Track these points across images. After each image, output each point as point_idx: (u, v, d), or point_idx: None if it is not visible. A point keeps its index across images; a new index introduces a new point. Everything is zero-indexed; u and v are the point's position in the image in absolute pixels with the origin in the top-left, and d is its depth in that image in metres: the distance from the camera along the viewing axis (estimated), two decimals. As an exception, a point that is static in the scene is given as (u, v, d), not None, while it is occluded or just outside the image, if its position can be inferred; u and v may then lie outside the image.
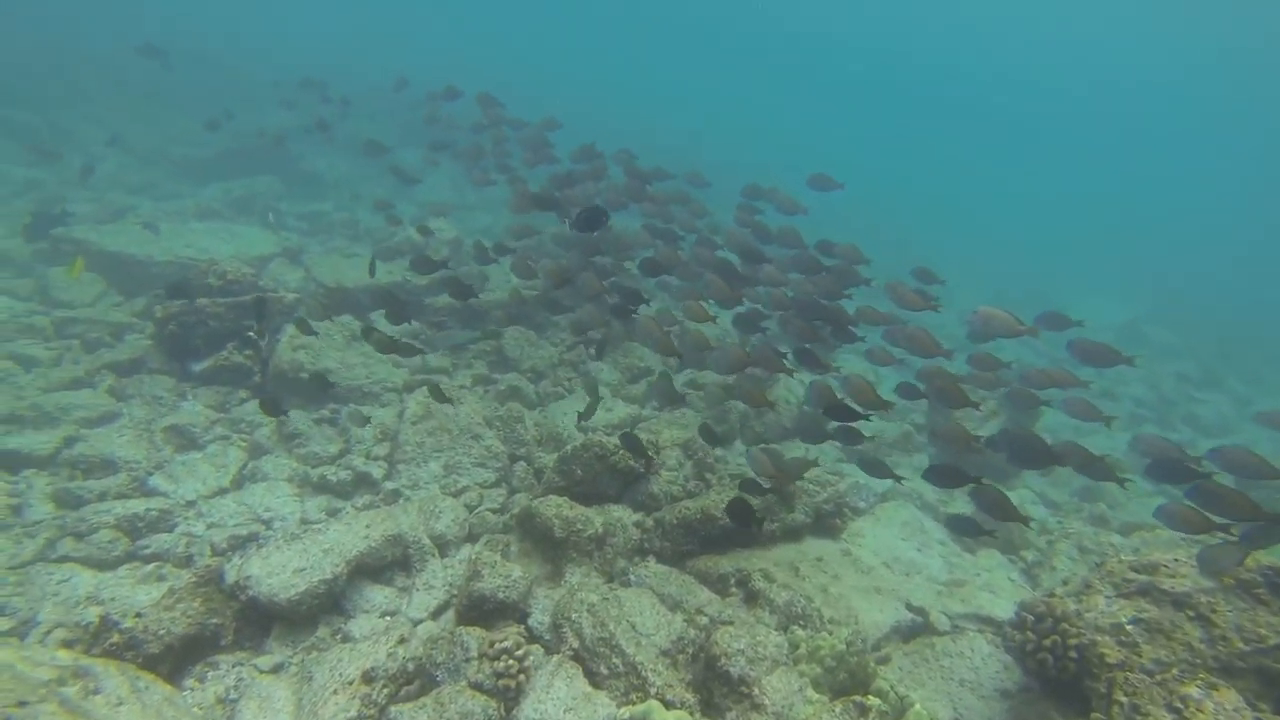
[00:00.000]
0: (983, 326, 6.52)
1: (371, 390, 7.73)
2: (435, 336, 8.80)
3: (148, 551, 5.05)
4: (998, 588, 5.94)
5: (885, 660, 4.84)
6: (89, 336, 7.99)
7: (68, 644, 3.84)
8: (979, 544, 7.50)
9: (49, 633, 4.19)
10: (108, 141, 11.33)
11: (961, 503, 8.40)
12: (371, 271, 9.05)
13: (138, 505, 5.36)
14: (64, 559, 4.85)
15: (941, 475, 5.04)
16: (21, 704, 2.90)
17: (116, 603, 4.47)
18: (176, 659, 3.94)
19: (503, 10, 57.11)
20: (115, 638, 3.76)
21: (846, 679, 4.19)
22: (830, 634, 4.41)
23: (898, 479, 5.78)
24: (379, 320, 9.00)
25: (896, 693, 3.97)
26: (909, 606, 5.44)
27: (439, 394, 6.37)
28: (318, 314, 8.72)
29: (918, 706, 3.82)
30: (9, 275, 9.52)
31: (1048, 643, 4.20)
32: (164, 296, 7.85)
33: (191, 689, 3.86)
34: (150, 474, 5.96)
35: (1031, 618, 4.31)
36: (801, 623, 4.81)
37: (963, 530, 5.35)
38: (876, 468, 5.95)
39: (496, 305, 9.36)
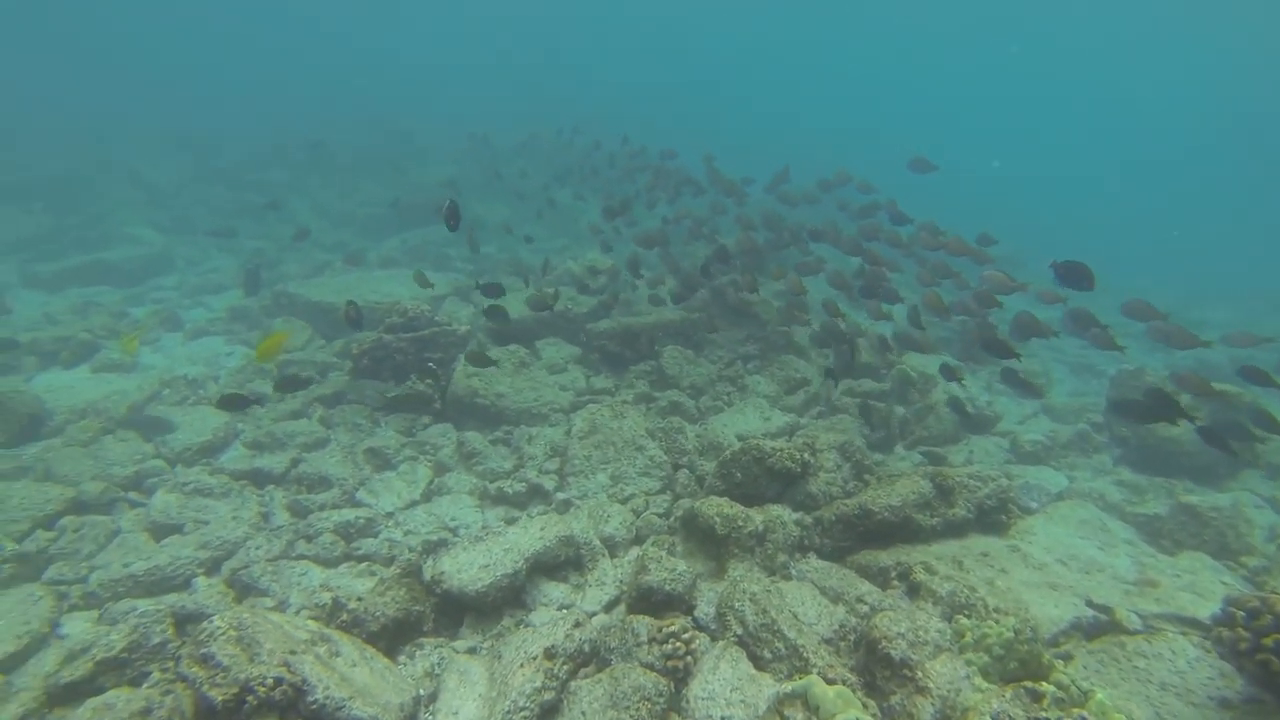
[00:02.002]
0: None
1: (540, 412, 8.34)
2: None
3: (360, 552, 5.82)
4: (1205, 590, 5.36)
5: (1066, 657, 4.54)
6: (302, 375, 9.27)
7: (313, 619, 4.53)
8: (1179, 545, 6.81)
9: (298, 611, 4.97)
10: (296, 235, 13.43)
11: (1155, 502, 7.62)
12: (537, 304, 9.73)
13: (349, 514, 6.17)
14: (300, 557, 5.71)
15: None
16: (292, 652, 3.52)
17: (342, 590, 5.20)
18: (390, 638, 4.52)
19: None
20: (344, 616, 4.40)
21: (1018, 668, 4.01)
22: (997, 622, 4.23)
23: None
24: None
25: (1078, 685, 3.75)
26: (1090, 603, 5.06)
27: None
28: (485, 344, 9.58)
29: (1101, 695, 3.59)
30: (243, 328, 11.26)
31: (1270, 642, 3.78)
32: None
33: (404, 664, 4.41)
34: (356, 489, 6.83)
35: (1243, 613, 3.90)
36: (966, 612, 4.64)
37: None
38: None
39: (654, 327, 9.77)
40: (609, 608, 5.12)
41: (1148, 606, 4.98)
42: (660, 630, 4.17)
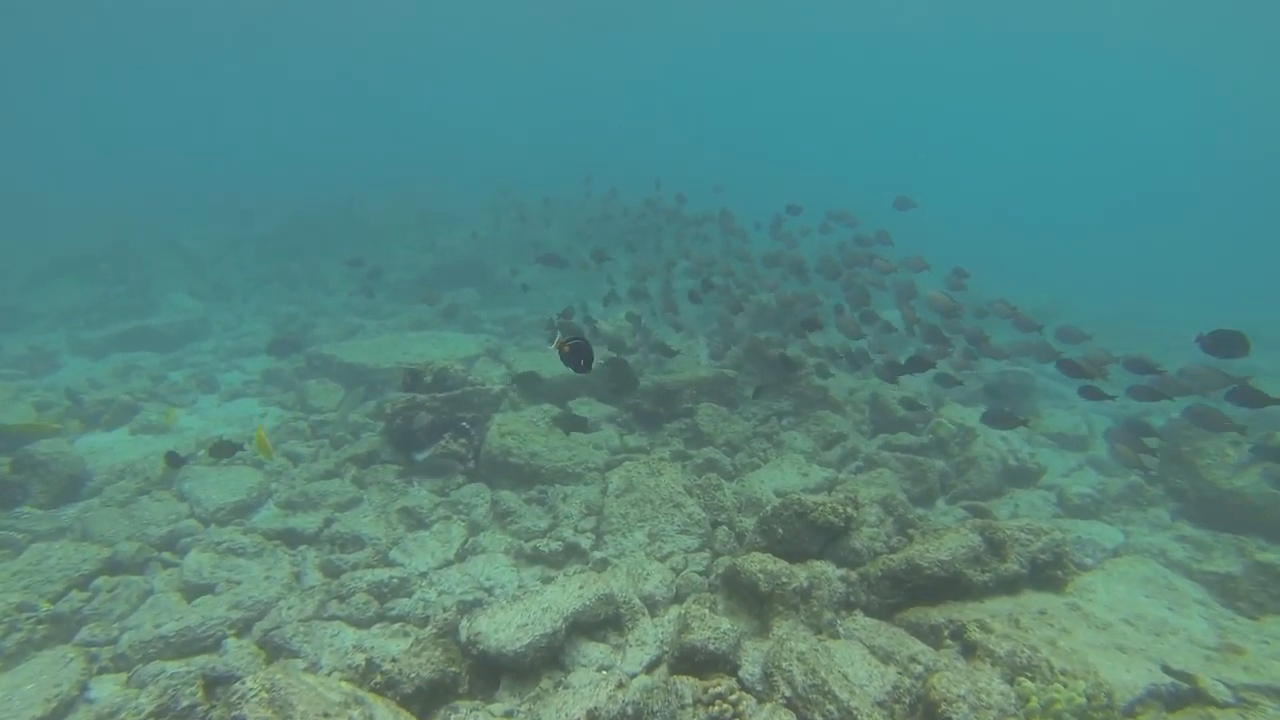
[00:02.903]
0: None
1: (574, 471, 8.23)
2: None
3: (394, 613, 5.68)
4: (1296, 656, 4.99)
5: (1148, 728, 4.22)
6: (335, 435, 9.31)
7: (346, 680, 4.38)
8: (1260, 608, 6.39)
9: (329, 673, 4.82)
10: (352, 290, 13.89)
11: (1223, 560, 7.22)
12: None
13: (383, 574, 6.06)
14: (332, 617, 5.58)
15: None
16: (325, 715, 3.38)
17: (375, 650, 5.06)
18: (425, 701, 4.35)
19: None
20: (378, 678, 4.25)
21: (1099, 739, 3.73)
22: (1065, 686, 3.95)
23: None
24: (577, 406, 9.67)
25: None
26: (1167, 669, 4.72)
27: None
28: (518, 404, 9.58)
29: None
30: (278, 390, 11.41)
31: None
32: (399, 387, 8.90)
33: (440, 728, 4.23)
34: (390, 549, 6.73)
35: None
36: (1029, 674, 4.34)
37: None
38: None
39: (688, 384, 9.70)
40: (650, 668, 4.90)
41: (1237, 676, 4.64)
42: (706, 691, 3.96)
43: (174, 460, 6.89)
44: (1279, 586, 6.38)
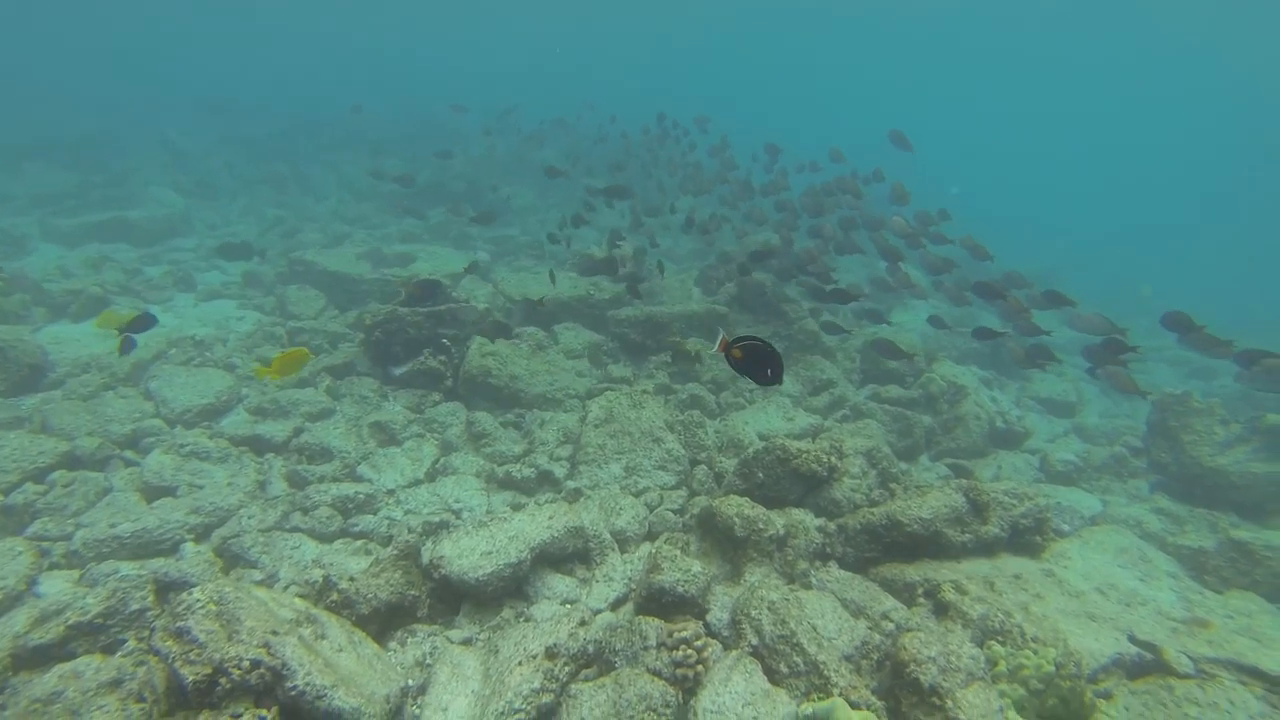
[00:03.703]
0: None
1: (555, 396, 8.03)
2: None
3: (357, 529, 5.53)
4: (1265, 637, 4.95)
5: (1107, 696, 4.17)
6: (313, 344, 9.02)
7: (301, 596, 4.24)
8: (1227, 583, 6.39)
9: (286, 587, 4.70)
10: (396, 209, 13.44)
11: (1196, 534, 7.21)
12: (552, 279, 9.49)
13: (349, 489, 5.89)
14: (294, 529, 5.44)
15: None
16: (274, 633, 3.23)
17: (335, 568, 4.93)
18: (382, 622, 4.23)
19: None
20: (335, 596, 4.11)
21: (1058, 706, 3.66)
22: (1035, 653, 3.87)
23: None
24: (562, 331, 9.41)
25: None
26: (1133, 639, 4.68)
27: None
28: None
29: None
30: (259, 294, 11.04)
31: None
32: (405, 301, 8.59)
33: (394, 650, 4.12)
34: (359, 463, 6.55)
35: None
36: (1000, 639, 4.27)
37: None
38: None
39: (678, 317, 9.43)
40: (616, 606, 4.80)
41: (1199, 649, 4.59)
42: (671, 635, 3.85)
43: (128, 345, 6.56)
44: (1248, 563, 6.38)
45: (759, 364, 3.87)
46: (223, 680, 3.12)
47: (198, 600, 3.50)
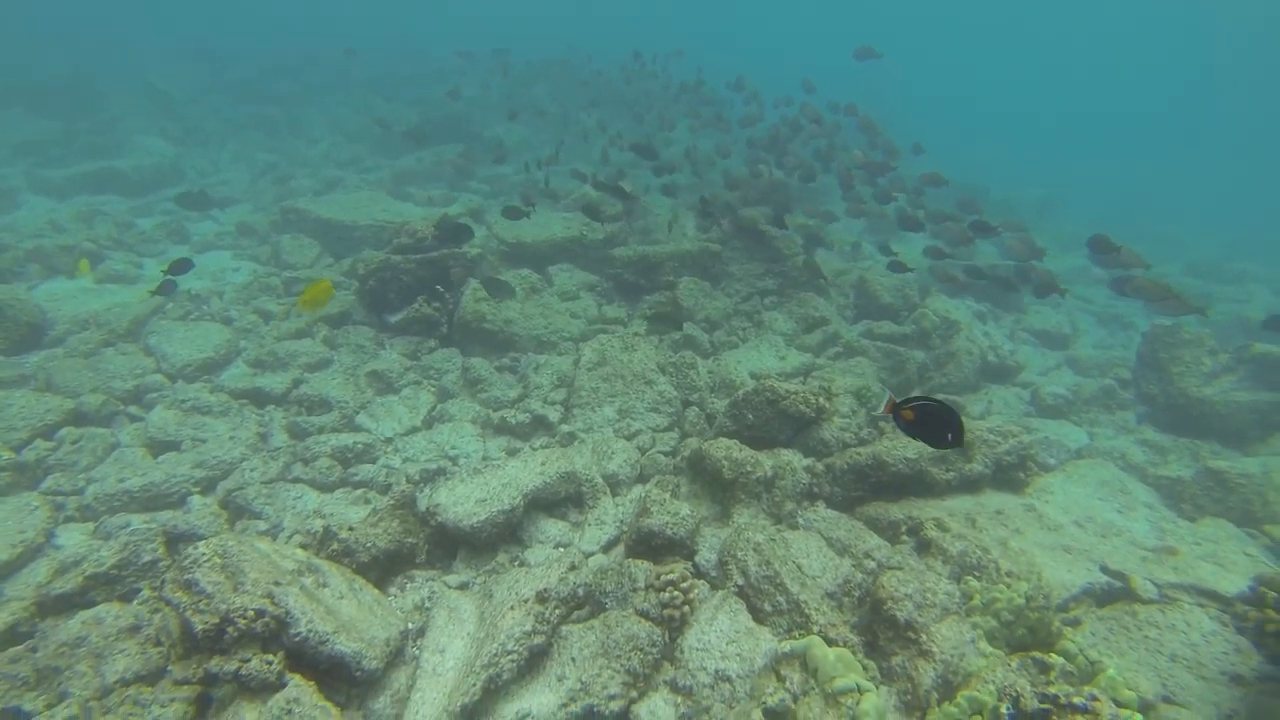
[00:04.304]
0: None
1: (549, 340, 8.11)
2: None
3: (356, 478, 5.72)
4: (1228, 561, 5.15)
5: (1075, 623, 4.38)
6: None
7: (303, 546, 4.44)
8: (1201, 510, 6.58)
9: (290, 537, 4.91)
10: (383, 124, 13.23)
11: (1178, 464, 7.37)
12: (524, 204, 9.24)
13: (348, 439, 6.05)
14: (296, 480, 5.63)
15: None
16: (276, 583, 3.42)
17: (335, 518, 5.13)
18: (382, 569, 4.44)
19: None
20: (335, 545, 4.30)
21: (1026, 635, 3.86)
22: (1008, 586, 4.06)
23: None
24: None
25: (1086, 655, 3.59)
26: (1104, 569, 4.87)
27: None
28: (497, 267, 9.31)
29: (1111, 671, 3.43)
30: (254, 243, 11.01)
31: (1300, 624, 3.58)
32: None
33: (394, 595, 4.34)
34: (357, 413, 6.70)
35: (1275, 595, 3.69)
36: (976, 574, 4.47)
37: None
38: None
39: (671, 257, 9.40)
40: (608, 548, 5.00)
41: (1165, 575, 4.78)
42: (659, 577, 4.04)
43: (167, 288, 7.09)
44: (1222, 490, 6.55)
45: (934, 426, 3.55)
46: (230, 629, 3.31)
47: (203, 554, 3.68)
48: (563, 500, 5.34)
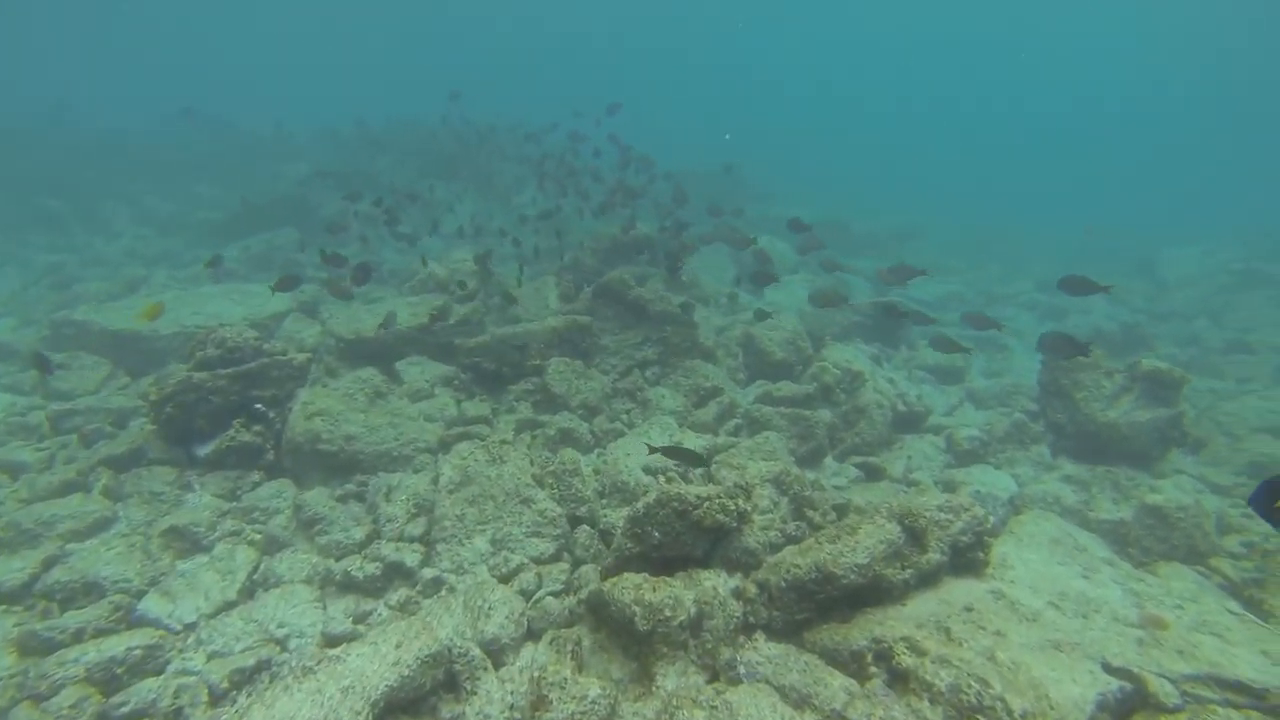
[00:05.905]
0: None
1: (401, 454, 6.68)
2: None
3: (124, 710, 3.99)
4: (1220, 628, 4.50)
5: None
6: (88, 429, 7.14)
7: None
8: (1148, 553, 6.09)
9: None
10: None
11: (1106, 500, 6.96)
12: (387, 324, 8.05)
13: (117, 646, 4.32)
14: (14, 738, 3.86)
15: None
16: None
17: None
18: None
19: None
20: None
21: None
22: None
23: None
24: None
25: None
26: (1108, 668, 4.07)
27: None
28: (335, 370, 7.81)
29: None
30: (14, 368, 8.83)
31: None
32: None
33: None
34: (143, 593, 4.98)
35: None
36: (981, 717, 3.50)
37: None
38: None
39: (536, 336, 8.23)
40: (498, 760, 3.63)
41: (1173, 665, 4.02)
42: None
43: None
44: (1165, 529, 6.22)
45: None
46: None
47: None
48: (430, 692, 3.93)
